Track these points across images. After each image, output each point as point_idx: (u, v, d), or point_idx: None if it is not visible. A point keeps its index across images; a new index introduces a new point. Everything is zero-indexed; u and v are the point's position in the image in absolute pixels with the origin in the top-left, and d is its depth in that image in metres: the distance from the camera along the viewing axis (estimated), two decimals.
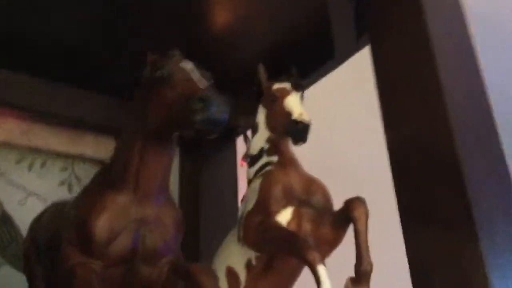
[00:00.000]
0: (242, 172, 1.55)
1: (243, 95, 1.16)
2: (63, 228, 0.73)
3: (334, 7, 1.04)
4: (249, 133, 1.10)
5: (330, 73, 1.21)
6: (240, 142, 1.56)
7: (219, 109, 0.61)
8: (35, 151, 1.31)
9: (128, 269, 0.69)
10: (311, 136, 0.90)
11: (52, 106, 1.34)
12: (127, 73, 1.30)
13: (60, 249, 0.70)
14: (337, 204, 0.90)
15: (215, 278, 0.66)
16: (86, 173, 1.39)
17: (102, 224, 0.67)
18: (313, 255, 0.72)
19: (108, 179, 0.72)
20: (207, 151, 1.58)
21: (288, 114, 0.91)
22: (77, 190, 1.33)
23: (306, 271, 0.89)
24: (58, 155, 1.35)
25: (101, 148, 1.44)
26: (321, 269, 0.71)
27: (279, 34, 1.23)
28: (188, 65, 0.70)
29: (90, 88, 1.38)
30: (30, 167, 1.30)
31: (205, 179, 1.55)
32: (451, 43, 0.91)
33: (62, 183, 1.34)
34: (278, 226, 0.81)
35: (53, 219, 0.83)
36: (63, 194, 1.31)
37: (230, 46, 1.28)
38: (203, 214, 1.49)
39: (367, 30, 1.04)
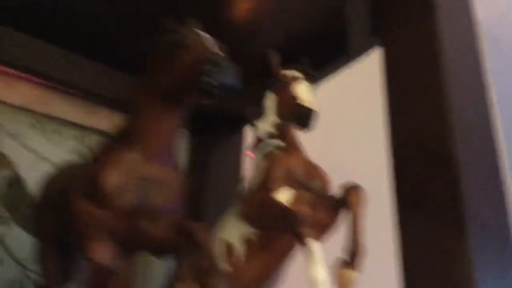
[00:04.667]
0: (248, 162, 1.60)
1: (254, 86, 1.21)
2: (74, 182, 0.77)
3: (350, 3, 1.07)
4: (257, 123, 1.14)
5: (342, 69, 1.24)
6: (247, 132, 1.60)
7: (228, 75, 0.64)
8: (50, 117, 1.36)
9: (131, 223, 0.73)
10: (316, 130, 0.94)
11: (70, 77, 1.39)
12: (146, 53, 1.39)
13: (70, 197, 0.74)
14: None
15: (210, 236, 0.70)
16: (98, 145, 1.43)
17: (112, 179, 0.71)
18: (304, 230, 0.75)
19: (119, 139, 0.76)
20: (215, 138, 1.62)
21: (295, 99, 0.95)
22: None
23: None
24: (72, 124, 1.39)
25: (114, 123, 1.48)
26: (313, 244, 0.74)
27: (293, 27, 1.27)
28: (203, 34, 0.74)
29: (109, 63, 1.43)
30: (43, 133, 1.35)
31: (212, 165, 1.59)
32: (458, 49, 0.94)
33: (73, 151, 1.38)
34: (275, 202, 0.85)
35: (65, 177, 0.88)
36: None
37: (244, 38, 1.33)
38: (208, 199, 1.53)
39: (379, 30, 1.07)
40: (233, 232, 0.95)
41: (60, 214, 0.83)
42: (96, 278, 0.63)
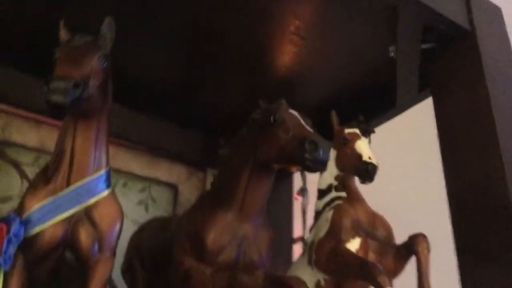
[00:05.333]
0: (296, 204, 1.69)
1: None
2: (174, 239, 0.87)
3: (401, 60, 1.17)
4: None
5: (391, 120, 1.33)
6: (296, 177, 1.69)
7: (325, 152, 0.74)
8: (118, 172, 1.47)
9: (230, 276, 0.82)
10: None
11: (135, 134, 1.51)
12: (202, 110, 1.51)
13: (172, 256, 0.84)
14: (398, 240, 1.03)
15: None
16: (160, 195, 1.54)
17: (213, 236, 0.81)
18: (384, 279, 0.84)
19: (216, 199, 0.87)
20: None
21: (359, 156, 1.05)
22: (152, 210, 1.49)
23: None
24: (138, 177, 1.51)
25: (173, 173, 1.59)
26: None
27: (343, 81, 1.38)
28: (295, 113, 0.85)
29: (168, 120, 1.56)
30: (113, 187, 1.46)
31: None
32: (506, 102, 1.03)
33: (140, 202, 1.49)
34: (350, 252, 0.94)
35: (159, 231, 0.98)
36: (140, 213, 1.46)
37: (295, 93, 1.44)
38: None
39: (431, 85, 1.17)
40: (304, 278, 1.03)
41: (158, 268, 0.93)
42: None
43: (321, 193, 1.14)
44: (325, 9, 1.15)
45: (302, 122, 0.82)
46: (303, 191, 1.54)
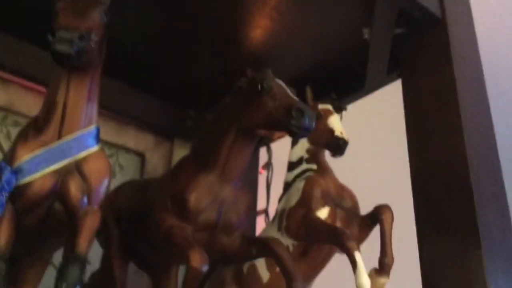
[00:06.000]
0: (261, 178, 1.73)
1: None
2: (154, 199, 0.90)
3: (373, 42, 1.22)
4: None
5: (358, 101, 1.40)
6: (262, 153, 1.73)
7: (310, 119, 0.78)
8: None
9: (210, 236, 0.86)
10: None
11: (105, 99, 1.50)
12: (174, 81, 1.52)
13: (153, 215, 0.87)
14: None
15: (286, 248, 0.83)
16: (128, 163, 1.55)
17: (195, 197, 0.84)
18: (352, 243, 0.90)
19: (198, 162, 0.89)
20: None
21: (331, 131, 1.10)
22: (119, 177, 1.49)
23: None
24: (105, 143, 1.50)
25: (141, 141, 1.60)
26: (358, 255, 0.89)
27: (316, 59, 1.42)
28: (281, 82, 0.88)
29: (139, 88, 1.55)
30: None
31: None
32: (471, 87, 1.11)
33: None
34: (320, 220, 0.99)
35: (136, 192, 1.00)
36: None
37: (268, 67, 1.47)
38: None
39: (400, 68, 1.23)
40: None
41: (137, 227, 0.95)
42: (192, 283, 0.75)
43: (292, 165, 1.18)
44: None
45: (288, 91, 0.86)
46: (268, 166, 1.59)
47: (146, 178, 1.37)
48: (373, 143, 1.50)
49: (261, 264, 1.06)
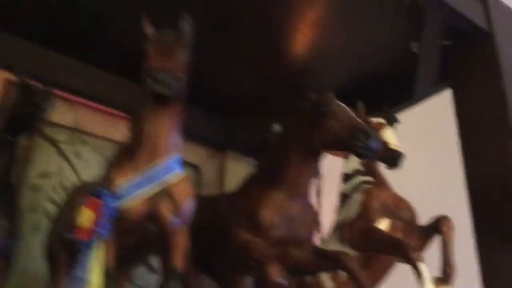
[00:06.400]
0: None
1: None
2: (226, 215, 0.97)
3: (422, 55, 1.26)
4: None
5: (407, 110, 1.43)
6: None
7: (376, 141, 0.84)
8: None
9: (281, 250, 0.92)
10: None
11: None
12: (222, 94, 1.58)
13: (228, 230, 0.94)
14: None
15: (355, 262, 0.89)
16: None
17: (268, 214, 0.91)
18: (416, 254, 0.94)
19: (266, 178, 0.96)
20: None
21: (386, 144, 1.14)
22: None
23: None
24: None
25: (195, 154, 1.67)
26: (422, 266, 0.93)
27: (362, 71, 1.47)
28: (344, 105, 0.94)
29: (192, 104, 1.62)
30: None
31: None
32: None
33: None
34: (382, 232, 1.04)
35: (209, 207, 1.06)
36: None
37: (314, 79, 1.53)
38: None
39: (449, 78, 1.27)
40: None
41: (209, 240, 1.02)
42: None
43: (347, 177, 1.23)
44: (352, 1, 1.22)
45: (352, 113, 0.92)
46: (318, 176, 1.64)
47: (214, 194, 1.44)
48: (424, 152, 1.54)
49: (324, 274, 1.11)
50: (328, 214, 1.29)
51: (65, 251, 0.87)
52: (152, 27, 0.84)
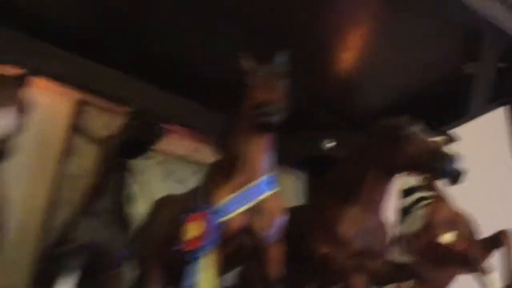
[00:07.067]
0: None
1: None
2: (305, 228, 1.05)
3: (479, 76, 1.33)
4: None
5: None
6: None
7: (454, 163, 0.91)
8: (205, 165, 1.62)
9: (358, 262, 0.99)
10: None
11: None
12: None
13: (307, 243, 1.02)
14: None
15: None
16: None
17: (345, 228, 1.00)
18: (482, 266, 1.01)
19: (340, 195, 1.04)
20: None
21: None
22: None
23: None
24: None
25: None
26: (492, 277, 0.99)
27: (409, 89, 1.53)
28: (417, 128, 1.01)
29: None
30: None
31: None
32: None
33: None
34: (446, 245, 1.10)
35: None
36: None
37: (360, 96, 1.60)
38: None
39: (504, 97, 1.33)
40: None
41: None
42: None
43: (407, 192, 1.30)
44: (417, 23, 1.29)
45: (428, 137, 0.99)
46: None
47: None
48: (481, 168, 1.58)
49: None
50: None
51: (159, 262, 0.95)
52: (253, 63, 0.92)
